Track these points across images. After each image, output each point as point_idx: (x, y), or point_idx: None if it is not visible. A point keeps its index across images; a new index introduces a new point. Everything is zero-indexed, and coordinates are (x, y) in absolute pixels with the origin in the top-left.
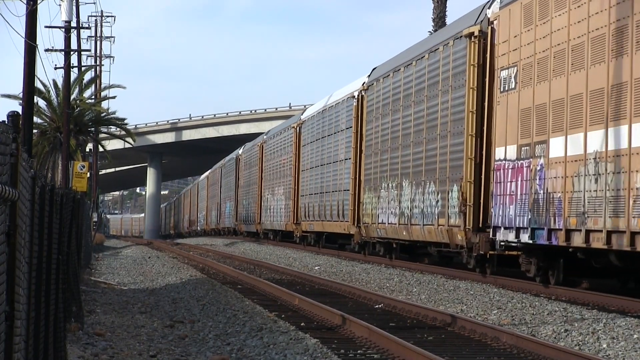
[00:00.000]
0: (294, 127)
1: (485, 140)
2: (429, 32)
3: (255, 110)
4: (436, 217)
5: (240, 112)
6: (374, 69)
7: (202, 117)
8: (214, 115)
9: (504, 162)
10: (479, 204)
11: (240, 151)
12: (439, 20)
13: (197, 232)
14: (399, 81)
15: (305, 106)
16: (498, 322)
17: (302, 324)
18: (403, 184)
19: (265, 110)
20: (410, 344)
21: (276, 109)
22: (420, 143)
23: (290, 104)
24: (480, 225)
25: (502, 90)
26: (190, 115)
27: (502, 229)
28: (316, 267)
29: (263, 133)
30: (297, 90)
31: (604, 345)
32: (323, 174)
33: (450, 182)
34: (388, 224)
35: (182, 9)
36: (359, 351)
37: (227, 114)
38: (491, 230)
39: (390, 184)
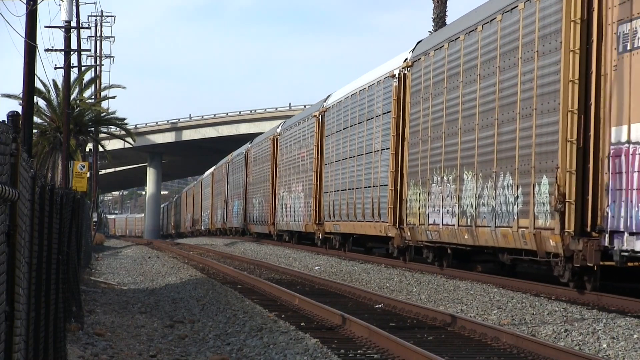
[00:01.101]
0: (315, 115)
1: (593, 118)
2: (429, 32)
3: (255, 110)
4: (515, 217)
5: (240, 112)
6: (418, 43)
7: (202, 117)
8: (214, 115)
9: (627, 145)
10: (582, 201)
11: (249, 145)
12: (439, 20)
13: (201, 232)
14: (457, 52)
15: (305, 106)
16: (498, 322)
17: (302, 324)
18: (464, 176)
19: (265, 110)
20: (410, 344)
21: (276, 109)
22: (490, 126)
23: (290, 104)
24: (589, 228)
25: (621, 50)
26: (190, 115)
27: (626, 234)
28: (316, 267)
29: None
30: (297, 90)
31: (604, 345)
32: (353, 167)
33: (536, 172)
34: (443, 225)
35: (183, 9)
36: (359, 351)
37: (227, 114)
38: (606, 235)
39: (445, 177)
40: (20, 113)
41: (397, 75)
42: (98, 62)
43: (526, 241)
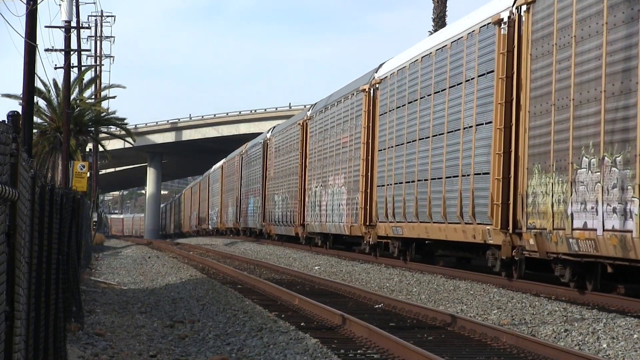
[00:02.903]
0: (364, 90)
1: None
2: (429, 32)
3: (255, 110)
4: None
5: (240, 112)
6: None
7: (202, 117)
8: (214, 115)
9: None
10: None
11: (268, 135)
12: (439, 20)
13: (209, 231)
14: None
15: (305, 106)
16: (498, 322)
17: (302, 324)
18: None
19: (265, 110)
20: (410, 344)
21: (276, 108)
22: None
23: (290, 104)
24: None
25: None
26: (190, 115)
27: None
28: (316, 267)
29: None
30: (297, 90)
31: (604, 345)
32: (425, 151)
33: None
34: (604, 231)
35: (183, 9)
36: (359, 351)
37: (227, 114)
38: None
39: (607, 159)
40: (20, 113)
41: (505, 20)
42: (98, 62)
43: None
